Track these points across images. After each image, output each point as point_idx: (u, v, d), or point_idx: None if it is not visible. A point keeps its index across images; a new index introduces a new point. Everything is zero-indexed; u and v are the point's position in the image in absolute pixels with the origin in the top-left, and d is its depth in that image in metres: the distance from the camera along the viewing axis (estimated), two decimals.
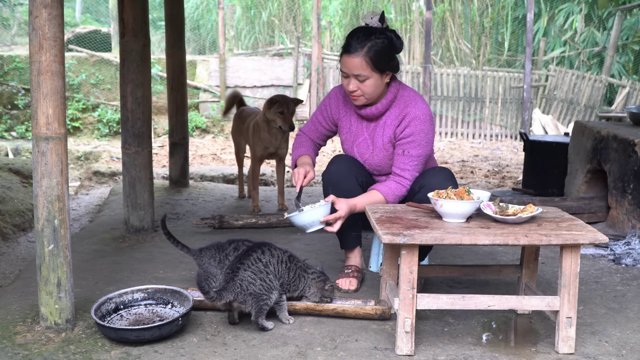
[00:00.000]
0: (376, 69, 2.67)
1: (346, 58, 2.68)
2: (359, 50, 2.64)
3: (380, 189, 2.73)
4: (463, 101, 11.86)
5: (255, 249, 2.43)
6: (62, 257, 2.33)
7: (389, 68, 2.71)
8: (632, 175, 3.80)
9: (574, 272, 2.20)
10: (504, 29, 14.32)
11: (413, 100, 2.77)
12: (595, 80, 11.70)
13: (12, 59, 10.69)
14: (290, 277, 2.47)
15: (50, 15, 2.21)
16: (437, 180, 2.67)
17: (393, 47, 2.70)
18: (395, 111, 2.79)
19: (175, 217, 4.29)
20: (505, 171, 8.10)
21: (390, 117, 2.80)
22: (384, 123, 2.81)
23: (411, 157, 2.73)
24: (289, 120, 4.23)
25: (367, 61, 2.64)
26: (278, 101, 4.24)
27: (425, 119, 2.74)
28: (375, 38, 2.65)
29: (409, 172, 2.74)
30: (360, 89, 2.71)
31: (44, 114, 2.25)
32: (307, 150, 2.97)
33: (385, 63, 2.69)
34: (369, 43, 2.64)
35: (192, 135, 10.57)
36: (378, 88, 2.72)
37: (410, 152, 2.73)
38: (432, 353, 2.24)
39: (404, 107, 2.77)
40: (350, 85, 2.71)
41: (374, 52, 2.64)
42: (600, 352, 2.27)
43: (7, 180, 5.29)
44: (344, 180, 2.79)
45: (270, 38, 14.70)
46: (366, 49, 2.63)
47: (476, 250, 3.55)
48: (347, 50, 2.67)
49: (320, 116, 2.99)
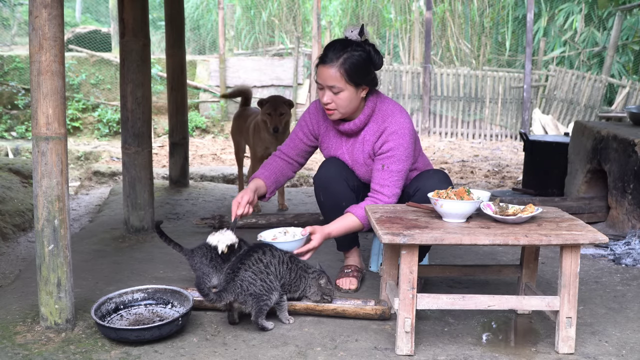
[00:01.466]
0: (351, 81, 2.58)
1: (321, 68, 2.60)
2: (334, 61, 2.57)
3: (355, 212, 2.62)
4: (463, 101, 11.86)
5: (257, 249, 2.43)
6: (62, 257, 2.33)
7: (364, 82, 2.63)
8: (632, 175, 3.80)
9: (574, 272, 2.20)
10: (504, 29, 14.33)
11: (392, 114, 2.68)
12: (595, 80, 11.70)
13: (12, 59, 10.69)
14: (291, 277, 2.47)
15: (50, 15, 2.21)
16: (432, 182, 2.63)
17: (371, 61, 2.62)
18: (373, 126, 2.70)
19: (175, 217, 4.29)
20: (505, 171, 8.10)
21: (369, 132, 2.71)
22: (363, 139, 2.73)
23: (391, 172, 2.64)
24: (275, 122, 4.22)
25: (342, 73, 2.56)
26: (268, 102, 4.26)
27: (404, 133, 2.64)
28: (352, 50, 2.58)
29: (389, 188, 2.64)
30: (335, 101, 2.62)
31: (44, 114, 2.25)
32: (268, 173, 2.83)
33: (361, 76, 2.61)
34: (345, 54, 2.57)
35: (192, 135, 10.58)
36: (352, 102, 2.63)
37: (390, 167, 2.64)
38: (432, 353, 2.24)
39: (382, 122, 2.68)
40: (325, 97, 2.62)
41: (349, 64, 2.56)
42: (600, 352, 2.27)
43: (7, 180, 5.29)
44: (335, 184, 2.75)
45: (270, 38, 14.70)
46: (341, 60, 2.56)
47: (476, 250, 3.55)
48: (323, 60, 2.60)
49: (300, 132, 2.88)
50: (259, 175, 2.81)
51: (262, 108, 4.28)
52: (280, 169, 2.87)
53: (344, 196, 2.75)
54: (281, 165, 2.88)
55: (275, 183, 2.84)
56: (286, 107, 4.28)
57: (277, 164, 2.88)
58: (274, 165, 2.87)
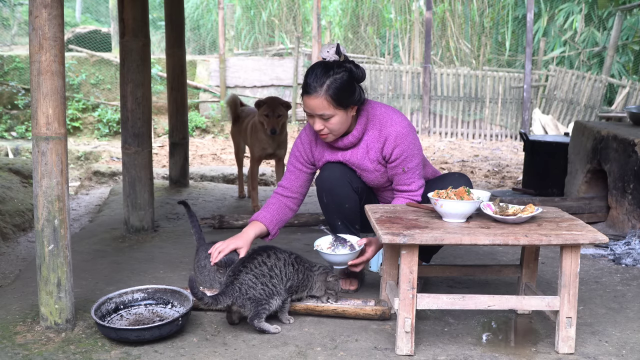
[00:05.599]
0: (339, 106, 2.55)
1: (307, 99, 2.57)
2: (319, 90, 2.52)
3: None
4: (463, 101, 11.86)
5: (260, 252, 2.42)
6: (62, 257, 2.33)
7: (352, 102, 2.60)
8: (632, 175, 3.80)
9: (574, 272, 2.20)
10: (504, 29, 14.33)
11: (389, 119, 2.67)
12: (595, 80, 11.70)
13: (12, 59, 10.70)
14: (299, 278, 2.46)
15: (50, 15, 2.21)
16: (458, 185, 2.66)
17: (353, 78, 2.58)
18: (374, 133, 2.69)
19: (175, 217, 4.29)
20: (505, 171, 8.10)
21: (371, 139, 2.69)
22: (366, 146, 2.71)
23: (411, 170, 2.69)
24: (272, 123, 4.22)
25: (329, 100, 2.53)
26: (265, 103, 4.25)
27: (408, 133, 2.65)
28: (333, 74, 2.53)
29: (415, 183, 2.71)
30: (327, 127, 2.60)
31: (44, 114, 2.25)
32: (270, 216, 2.77)
33: (348, 98, 2.57)
34: (328, 81, 2.52)
35: (192, 135, 10.58)
36: (344, 123, 2.62)
37: (409, 166, 2.69)
38: (432, 353, 2.24)
39: (381, 128, 2.67)
40: (316, 125, 2.60)
41: (333, 89, 2.52)
42: (600, 352, 2.27)
43: (7, 180, 5.29)
44: (338, 186, 2.73)
45: (270, 38, 14.71)
46: (325, 87, 2.52)
47: (476, 250, 3.55)
48: (307, 91, 2.56)
49: (297, 164, 2.83)
50: (260, 219, 2.76)
51: (260, 109, 4.27)
52: (282, 208, 2.81)
53: (347, 199, 2.74)
54: (284, 204, 2.82)
55: (278, 224, 2.80)
56: (283, 109, 4.27)
57: (279, 203, 2.81)
58: (277, 205, 2.81)
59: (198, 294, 2.27)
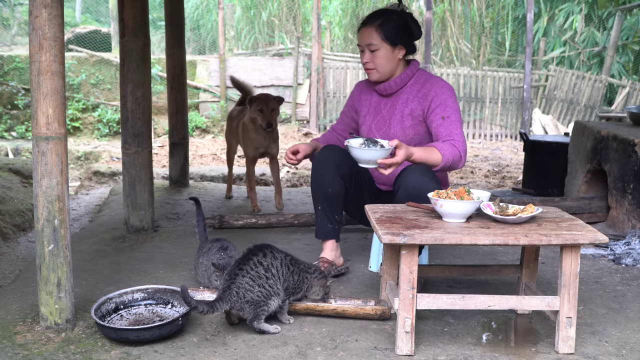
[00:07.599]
0: (386, 39, 2.80)
1: (361, 30, 2.85)
2: (372, 23, 2.82)
3: (437, 146, 2.65)
4: (463, 101, 11.85)
5: (256, 251, 2.40)
6: (62, 257, 2.33)
7: (400, 42, 2.82)
8: (632, 175, 3.80)
9: (574, 272, 2.20)
10: (504, 29, 14.33)
11: (434, 78, 2.87)
12: (595, 80, 11.70)
13: (12, 59, 10.69)
14: (294, 279, 2.45)
15: (50, 15, 2.21)
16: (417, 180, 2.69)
17: (406, 25, 2.83)
18: (415, 86, 2.87)
19: (175, 217, 4.29)
20: (505, 171, 8.10)
21: (412, 91, 2.87)
22: (406, 98, 2.88)
23: (452, 121, 2.72)
24: (267, 117, 4.21)
25: (378, 31, 2.79)
26: (258, 99, 4.26)
27: (450, 92, 2.80)
28: (390, 14, 2.82)
29: (457, 135, 2.71)
30: (372, 60, 2.83)
31: (44, 114, 2.25)
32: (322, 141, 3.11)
33: (396, 36, 2.81)
34: (383, 18, 2.81)
35: (192, 135, 10.57)
36: (390, 62, 2.83)
37: (450, 117, 2.73)
38: (432, 353, 2.24)
39: (424, 82, 2.85)
40: (364, 57, 2.85)
41: (385, 24, 2.79)
42: (600, 352, 2.27)
43: (7, 180, 5.29)
44: (324, 168, 2.84)
45: (270, 38, 14.70)
46: (379, 21, 2.81)
47: (476, 250, 3.55)
48: (363, 23, 2.86)
49: (347, 109, 3.14)
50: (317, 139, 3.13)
51: (252, 105, 4.26)
52: (331, 138, 3.14)
53: (331, 182, 2.83)
54: (335, 138, 3.14)
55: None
56: (276, 103, 4.28)
57: (328, 134, 3.18)
58: (326, 135, 3.17)
59: (192, 304, 2.20)
